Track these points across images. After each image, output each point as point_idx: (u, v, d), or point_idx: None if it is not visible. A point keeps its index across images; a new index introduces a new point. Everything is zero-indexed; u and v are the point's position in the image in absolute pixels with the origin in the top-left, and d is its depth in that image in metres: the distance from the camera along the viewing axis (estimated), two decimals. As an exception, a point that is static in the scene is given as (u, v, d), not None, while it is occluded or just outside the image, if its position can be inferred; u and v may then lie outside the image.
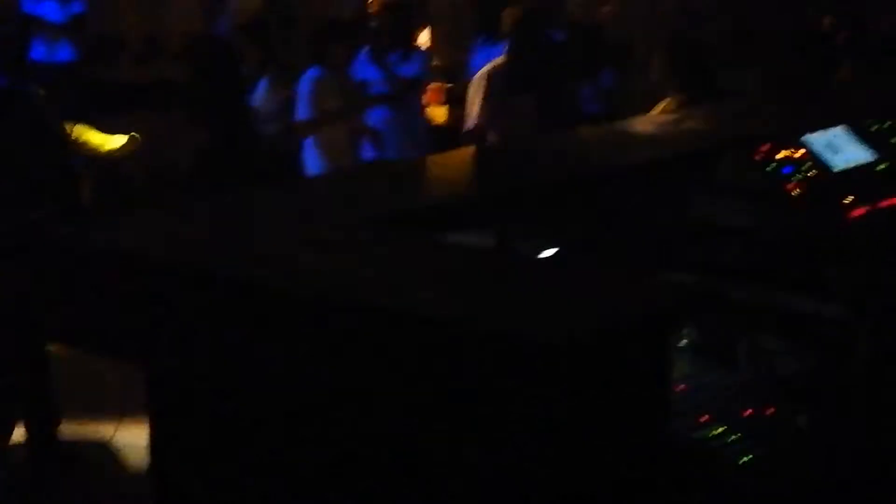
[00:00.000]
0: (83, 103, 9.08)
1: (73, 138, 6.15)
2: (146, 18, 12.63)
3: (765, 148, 3.37)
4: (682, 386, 2.79)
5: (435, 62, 9.88)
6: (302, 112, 7.66)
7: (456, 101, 8.85)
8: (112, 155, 6.45)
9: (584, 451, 2.08)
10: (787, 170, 3.31)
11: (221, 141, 6.02)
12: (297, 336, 2.35)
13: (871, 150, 3.53)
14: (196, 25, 12.58)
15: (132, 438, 5.76)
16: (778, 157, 3.35)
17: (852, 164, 3.44)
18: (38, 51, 10.41)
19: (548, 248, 3.29)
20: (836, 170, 3.39)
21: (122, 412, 5.88)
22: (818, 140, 3.46)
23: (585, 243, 3.35)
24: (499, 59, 7.66)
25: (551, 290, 2.39)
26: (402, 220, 2.91)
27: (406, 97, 8.01)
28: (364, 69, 8.10)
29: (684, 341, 2.97)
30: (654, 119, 4.99)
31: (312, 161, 7.74)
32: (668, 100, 6.11)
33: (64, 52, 11.06)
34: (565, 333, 2.09)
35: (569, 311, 2.24)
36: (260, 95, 8.39)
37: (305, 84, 7.68)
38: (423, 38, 10.20)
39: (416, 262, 2.57)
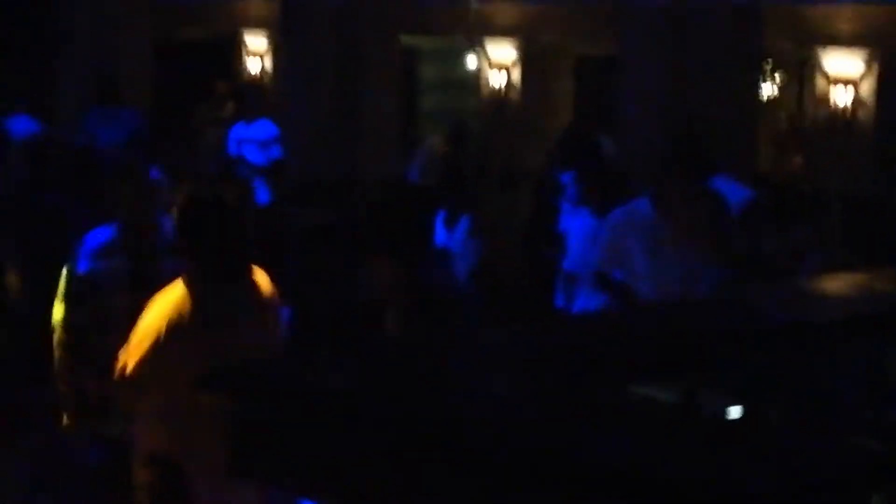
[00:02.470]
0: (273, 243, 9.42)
1: None
2: (340, 163, 13.08)
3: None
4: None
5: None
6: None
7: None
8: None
9: None
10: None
11: (414, 283, 6.16)
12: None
13: None
14: (389, 168, 12.98)
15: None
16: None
17: None
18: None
19: (734, 404, 3.28)
20: None
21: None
22: None
23: (773, 400, 3.34)
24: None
25: (734, 448, 2.40)
26: (591, 371, 2.96)
27: None
28: None
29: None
30: (846, 277, 4.95)
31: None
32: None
33: (262, 194, 11.49)
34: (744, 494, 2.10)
35: (749, 473, 2.25)
36: (457, 237, 8.61)
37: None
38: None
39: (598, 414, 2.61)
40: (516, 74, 15.20)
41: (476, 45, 15.47)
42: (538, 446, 2.39)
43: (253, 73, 16.54)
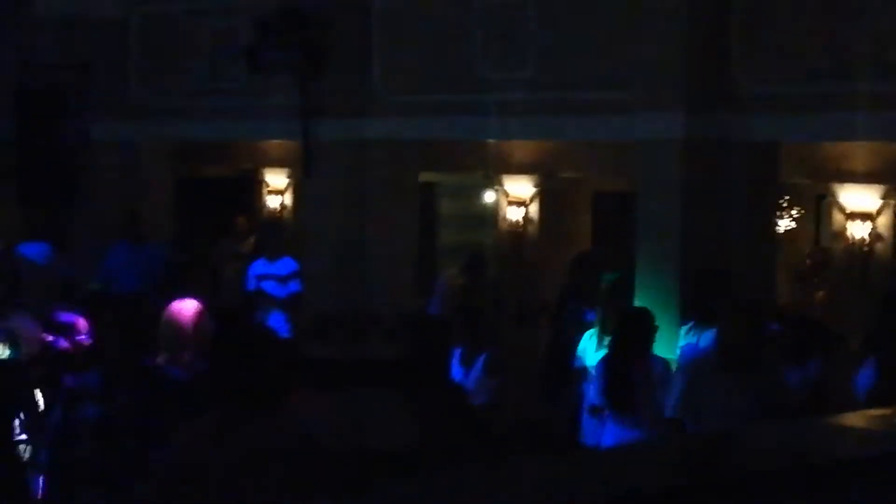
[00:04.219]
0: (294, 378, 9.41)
1: None
2: (358, 298, 13.13)
3: None
4: None
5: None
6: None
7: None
8: None
9: None
10: None
11: (438, 418, 6.15)
12: None
13: None
14: (407, 303, 13.03)
15: None
16: None
17: None
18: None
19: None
20: None
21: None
22: None
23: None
24: (708, 344, 7.70)
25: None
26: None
27: None
28: None
29: None
30: (866, 414, 4.93)
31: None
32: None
33: (281, 328, 11.52)
34: None
35: None
36: (473, 375, 8.60)
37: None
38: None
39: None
40: (534, 209, 15.35)
41: (494, 181, 15.63)
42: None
43: (272, 209, 16.72)
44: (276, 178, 16.85)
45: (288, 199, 16.77)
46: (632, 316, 8.53)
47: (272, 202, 16.83)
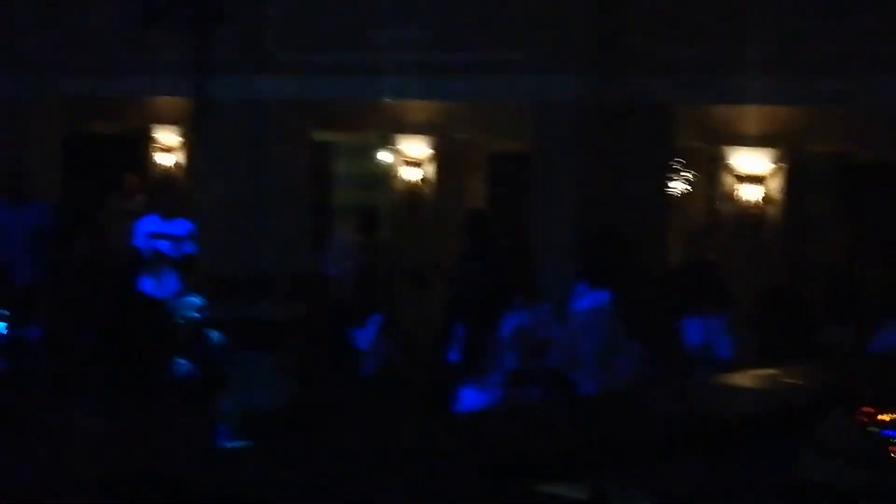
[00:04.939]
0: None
1: None
2: (253, 257, 12.98)
3: (867, 410, 3.31)
4: None
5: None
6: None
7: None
8: None
9: None
10: (890, 433, 3.25)
11: (325, 378, 6.11)
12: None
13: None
14: (303, 263, 12.92)
15: None
16: (880, 419, 3.30)
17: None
18: (148, 283, 10.74)
19: (644, 501, 3.24)
20: (942, 434, 3.32)
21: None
22: (923, 403, 3.40)
23: (683, 499, 3.30)
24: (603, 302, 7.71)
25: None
26: (498, 470, 2.90)
27: None
28: None
29: None
30: (752, 373, 4.96)
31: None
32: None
33: (172, 286, 11.37)
34: None
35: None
36: (366, 336, 8.54)
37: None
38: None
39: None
40: (429, 170, 15.27)
41: (389, 141, 15.53)
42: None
43: (164, 167, 16.46)
44: (168, 136, 16.57)
45: (180, 157, 16.50)
46: (503, 275, 8.43)
47: (163, 160, 16.55)
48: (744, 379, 4.65)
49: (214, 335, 10.44)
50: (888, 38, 9.73)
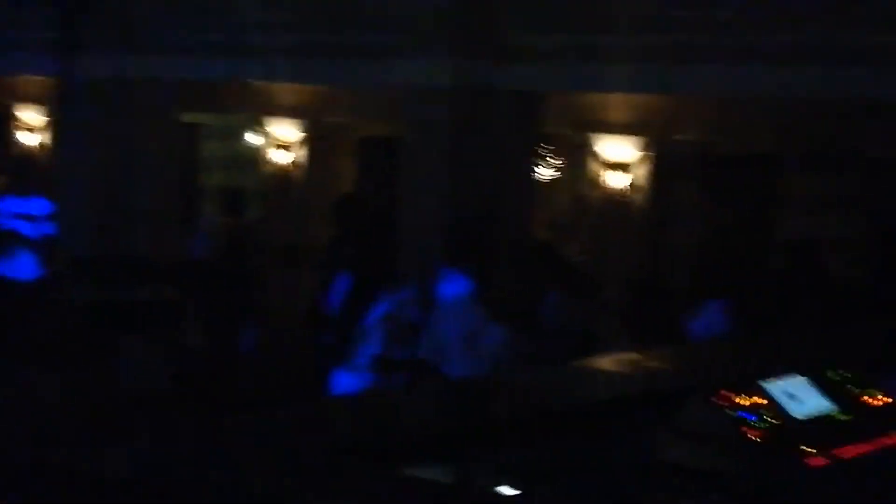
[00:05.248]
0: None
1: None
2: (117, 240, 12.81)
3: (725, 393, 3.40)
4: None
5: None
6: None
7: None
8: None
9: None
10: (746, 416, 3.34)
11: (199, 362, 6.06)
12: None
13: (828, 400, 3.57)
14: (171, 246, 12.77)
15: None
16: (738, 402, 3.38)
17: (812, 414, 3.48)
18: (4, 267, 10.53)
19: (509, 486, 3.28)
20: (796, 418, 3.43)
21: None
22: (778, 387, 3.50)
23: (549, 482, 3.35)
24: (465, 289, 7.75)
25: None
26: (365, 452, 2.91)
27: None
28: None
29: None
30: (616, 358, 5.05)
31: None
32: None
33: (31, 269, 11.15)
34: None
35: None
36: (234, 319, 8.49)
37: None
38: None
39: (372, 497, 2.57)
40: (299, 153, 15.21)
41: (259, 123, 15.42)
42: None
43: (26, 146, 16.13)
44: (31, 115, 16.24)
45: (44, 136, 16.18)
46: (373, 257, 8.39)
47: (26, 139, 16.22)
48: (608, 363, 4.73)
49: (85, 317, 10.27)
50: (750, 27, 9.93)
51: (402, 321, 7.76)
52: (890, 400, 3.71)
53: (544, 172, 14.37)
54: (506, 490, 3.25)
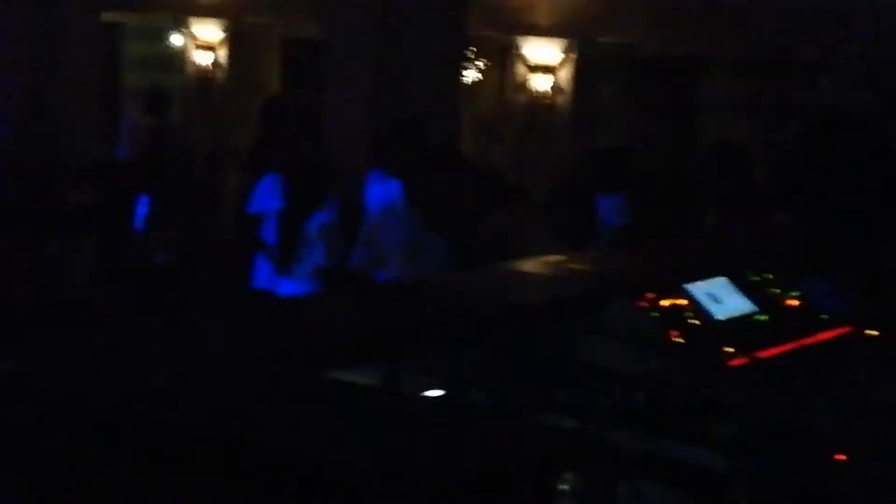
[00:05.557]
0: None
1: None
2: (39, 142, 12.61)
3: (648, 295, 3.44)
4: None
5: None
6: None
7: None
8: None
9: None
10: (670, 317, 3.38)
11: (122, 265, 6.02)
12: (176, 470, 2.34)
13: (750, 301, 3.63)
14: (94, 148, 12.60)
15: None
16: (661, 304, 3.42)
17: (733, 315, 3.53)
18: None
19: (435, 388, 3.30)
20: (717, 319, 3.48)
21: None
22: (700, 289, 3.55)
23: (474, 385, 3.37)
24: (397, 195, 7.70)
25: (434, 431, 2.41)
26: (287, 356, 2.92)
27: None
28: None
29: (565, 486, 2.98)
30: (540, 261, 5.08)
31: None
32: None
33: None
34: (444, 476, 2.11)
35: (449, 455, 2.26)
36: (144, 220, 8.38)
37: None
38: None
39: (297, 399, 2.57)
40: (222, 54, 15.01)
41: (182, 23, 15.18)
42: (213, 432, 2.34)
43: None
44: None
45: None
46: (309, 164, 8.28)
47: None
48: (533, 266, 4.76)
49: None
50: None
51: (339, 231, 7.70)
52: (807, 300, 3.77)
53: (471, 75, 14.32)
54: (431, 392, 3.28)
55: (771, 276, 3.81)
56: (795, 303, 3.75)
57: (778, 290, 3.76)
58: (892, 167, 4.12)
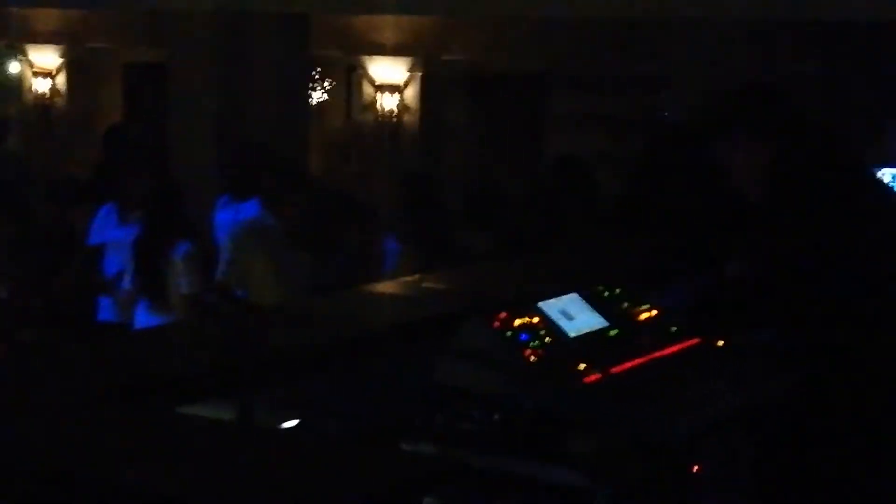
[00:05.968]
0: None
1: None
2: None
3: (502, 315, 3.44)
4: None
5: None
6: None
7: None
8: None
9: None
10: (523, 336, 3.39)
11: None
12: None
13: (601, 316, 3.65)
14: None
15: None
16: (515, 323, 3.43)
17: (585, 331, 3.55)
18: None
19: (291, 418, 3.26)
20: (570, 336, 3.49)
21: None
22: (553, 306, 3.56)
23: (330, 412, 3.34)
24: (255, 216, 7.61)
25: (291, 463, 2.37)
26: (139, 390, 2.85)
27: None
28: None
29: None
30: (396, 282, 5.06)
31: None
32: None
33: None
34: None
35: (308, 486, 2.23)
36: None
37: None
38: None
39: (149, 435, 2.51)
40: (60, 80, 14.72)
41: (19, 49, 14.85)
42: (60, 474, 2.27)
43: None
44: None
45: None
46: (166, 192, 8.14)
47: None
48: (390, 287, 4.74)
49: None
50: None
51: (201, 257, 7.56)
52: (657, 313, 3.82)
53: (316, 96, 14.27)
54: (286, 423, 3.24)
55: (619, 290, 3.84)
56: (646, 316, 3.79)
57: (627, 304, 3.80)
58: (721, 182, 4.19)
